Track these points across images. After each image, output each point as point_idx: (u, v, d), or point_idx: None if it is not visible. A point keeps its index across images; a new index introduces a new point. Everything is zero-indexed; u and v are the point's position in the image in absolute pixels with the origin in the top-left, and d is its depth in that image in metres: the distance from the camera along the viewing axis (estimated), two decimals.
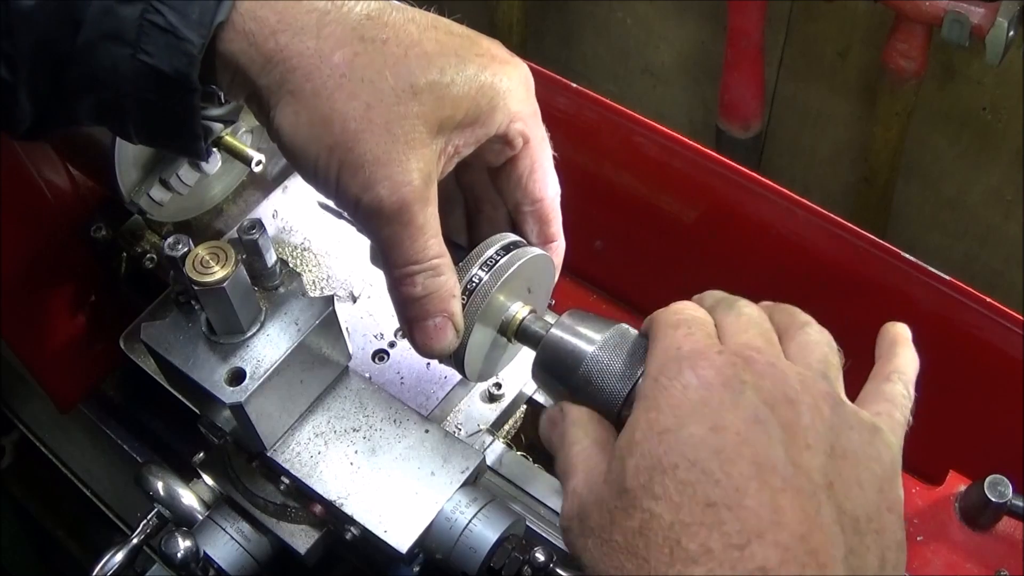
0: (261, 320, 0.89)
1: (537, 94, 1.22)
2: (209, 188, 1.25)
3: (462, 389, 1.16)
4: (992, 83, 1.99)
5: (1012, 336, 0.98)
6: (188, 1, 0.73)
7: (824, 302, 1.15)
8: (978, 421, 1.09)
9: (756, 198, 1.09)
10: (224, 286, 0.83)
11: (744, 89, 2.16)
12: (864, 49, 2.12)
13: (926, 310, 1.04)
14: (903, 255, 1.01)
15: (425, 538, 0.90)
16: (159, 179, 1.21)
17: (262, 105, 0.78)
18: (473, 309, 0.92)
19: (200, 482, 1.03)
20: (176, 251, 0.85)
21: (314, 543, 0.99)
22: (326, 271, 1.28)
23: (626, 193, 1.23)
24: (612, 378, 0.89)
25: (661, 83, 2.60)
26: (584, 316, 0.95)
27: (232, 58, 0.76)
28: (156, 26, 0.74)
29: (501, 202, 0.94)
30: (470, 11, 2.71)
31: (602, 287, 1.37)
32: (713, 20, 2.30)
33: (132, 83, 0.76)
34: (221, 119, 0.87)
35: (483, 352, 0.97)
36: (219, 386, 0.86)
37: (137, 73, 0.75)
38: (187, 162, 1.21)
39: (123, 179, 1.18)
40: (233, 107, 0.86)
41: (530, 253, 0.95)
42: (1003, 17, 1.67)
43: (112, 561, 0.98)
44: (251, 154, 1.19)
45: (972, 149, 2.13)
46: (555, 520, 1.08)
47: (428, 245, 0.80)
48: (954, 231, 2.31)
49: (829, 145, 2.37)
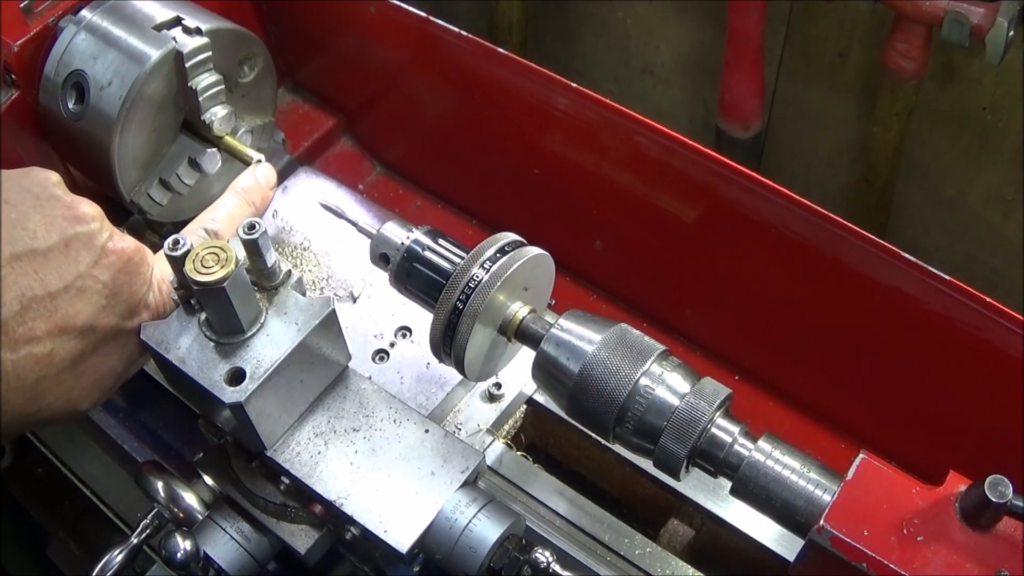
0: (261, 320, 0.89)
1: (537, 94, 1.23)
2: (209, 188, 1.25)
3: (462, 389, 1.16)
4: (992, 83, 1.99)
5: (1012, 336, 0.98)
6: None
7: (824, 302, 1.16)
8: (978, 421, 1.09)
9: (756, 198, 1.09)
10: (224, 286, 0.83)
11: (744, 89, 2.16)
12: (864, 49, 2.12)
13: (926, 310, 1.04)
14: (903, 255, 1.01)
15: (425, 538, 0.90)
16: (159, 179, 1.22)
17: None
18: (472, 308, 0.92)
19: (200, 482, 1.03)
20: (176, 251, 0.85)
21: (314, 543, 0.99)
22: (326, 271, 1.28)
23: (626, 193, 1.23)
24: (612, 378, 0.89)
25: (661, 83, 2.60)
26: (584, 316, 0.95)
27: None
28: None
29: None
30: (470, 11, 2.71)
31: (602, 287, 1.37)
32: (713, 20, 2.30)
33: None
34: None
35: (483, 352, 0.97)
36: (219, 386, 0.86)
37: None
38: (187, 162, 1.22)
39: (123, 179, 1.18)
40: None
41: (529, 253, 0.95)
42: (1003, 17, 1.67)
43: (112, 561, 0.98)
44: (251, 154, 1.19)
45: (972, 149, 2.13)
46: (555, 520, 1.08)
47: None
48: (954, 231, 2.31)
49: (829, 145, 2.37)
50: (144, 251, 0.91)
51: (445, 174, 1.48)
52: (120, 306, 0.88)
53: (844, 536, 0.77)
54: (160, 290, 0.92)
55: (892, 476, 0.81)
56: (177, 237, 0.86)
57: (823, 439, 1.22)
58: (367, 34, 1.38)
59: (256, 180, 1.07)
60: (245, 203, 1.04)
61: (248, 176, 1.07)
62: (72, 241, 0.84)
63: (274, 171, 1.11)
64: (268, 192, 1.09)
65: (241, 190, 1.05)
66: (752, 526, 1.07)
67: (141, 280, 0.89)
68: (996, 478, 0.74)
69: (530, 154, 1.31)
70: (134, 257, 0.88)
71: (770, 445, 0.85)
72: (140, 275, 0.89)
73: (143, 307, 0.90)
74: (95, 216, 0.87)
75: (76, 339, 0.85)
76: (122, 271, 0.87)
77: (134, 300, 0.89)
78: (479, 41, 1.24)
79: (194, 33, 1.16)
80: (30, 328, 0.81)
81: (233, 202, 1.04)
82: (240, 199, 1.04)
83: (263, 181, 1.08)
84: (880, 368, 1.15)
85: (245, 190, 1.05)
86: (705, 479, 0.92)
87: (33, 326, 0.81)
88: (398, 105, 1.46)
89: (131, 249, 0.88)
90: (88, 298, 0.85)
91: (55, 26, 1.19)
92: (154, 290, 0.91)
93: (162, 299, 0.92)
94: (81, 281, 0.84)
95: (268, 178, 1.09)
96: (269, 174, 1.10)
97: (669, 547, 1.08)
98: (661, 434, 0.87)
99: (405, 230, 0.99)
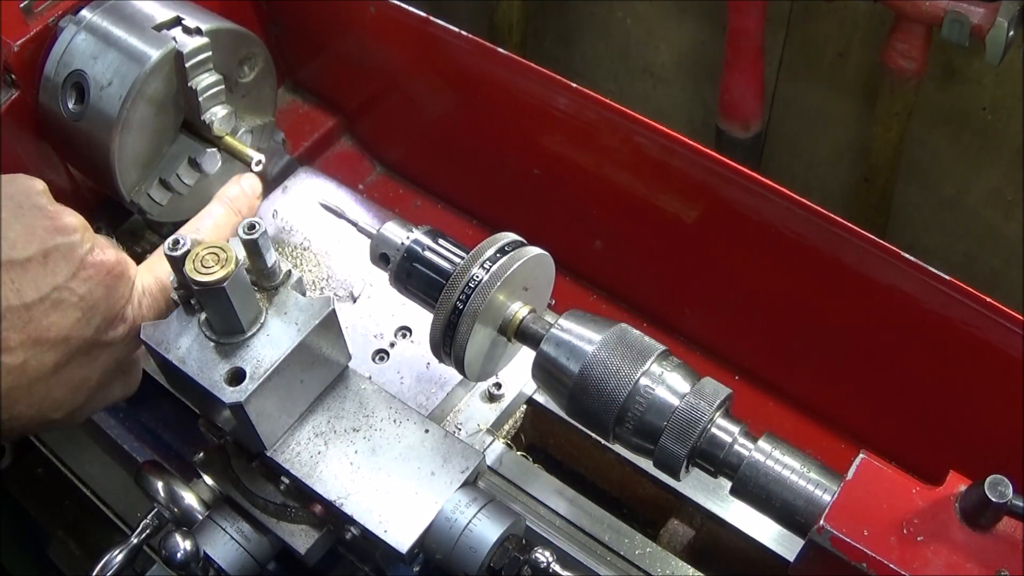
0: (261, 320, 0.89)
1: (537, 94, 1.23)
2: (209, 188, 1.24)
3: (462, 389, 1.16)
4: (992, 83, 1.99)
5: (1012, 336, 0.98)
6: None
7: (824, 302, 1.16)
8: (978, 421, 1.09)
9: (756, 198, 1.09)
10: (224, 286, 0.83)
11: (744, 89, 2.16)
12: (864, 49, 2.12)
13: (926, 310, 1.04)
14: (903, 255, 1.01)
15: (425, 538, 0.90)
16: (159, 179, 1.22)
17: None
18: (472, 308, 0.92)
19: (200, 482, 1.03)
20: (176, 251, 0.85)
21: (314, 543, 0.99)
22: (326, 271, 1.28)
23: (626, 193, 1.23)
24: (612, 378, 0.89)
25: (661, 83, 2.60)
26: (584, 316, 0.95)
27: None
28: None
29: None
30: (470, 11, 2.70)
31: (602, 287, 1.37)
32: (713, 20, 2.30)
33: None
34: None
35: (483, 352, 0.97)
36: (219, 386, 0.86)
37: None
38: (187, 162, 1.22)
39: (123, 179, 1.18)
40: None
41: (529, 253, 0.95)
42: (1003, 17, 1.67)
43: (112, 561, 0.98)
44: (251, 154, 1.19)
45: (972, 149, 2.13)
46: (555, 520, 1.08)
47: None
48: (954, 231, 2.31)
49: (829, 145, 2.37)
50: (126, 264, 0.90)
51: (445, 174, 1.48)
52: (96, 319, 0.87)
53: (844, 536, 0.77)
54: (141, 304, 0.92)
55: (892, 476, 0.81)
56: (177, 237, 0.86)
57: (823, 439, 1.22)
58: (367, 34, 1.38)
59: (242, 189, 1.07)
60: (231, 212, 1.04)
61: (234, 186, 1.07)
62: (51, 252, 0.84)
63: (259, 181, 1.10)
64: (255, 201, 1.08)
65: (228, 199, 1.05)
66: (752, 526, 1.07)
67: (120, 294, 0.89)
68: (996, 478, 0.74)
69: (530, 154, 1.31)
70: (113, 270, 0.88)
71: (770, 445, 0.85)
72: (119, 289, 0.89)
73: (120, 320, 0.90)
74: (77, 227, 0.86)
75: (50, 351, 0.84)
76: (100, 284, 0.87)
77: (111, 313, 0.89)
78: (479, 41, 1.24)
79: (194, 33, 1.16)
80: (4, 338, 0.81)
81: (219, 211, 1.03)
82: (226, 208, 1.04)
83: (248, 191, 1.08)
84: (880, 368, 1.15)
85: (232, 199, 1.05)
86: (705, 479, 0.92)
87: (7, 336, 0.81)
88: (398, 105, 1.46)
89: (111, 263, 0.88)
90: (64, 311, 0.84)
91: (55, 26, 1.19)
92: (133, 304, 0.91)
93: (142, 313, 0.92)
94: (57, 293, 0.84)
95: (254, 187, 1.08)
96: (255, 183, 1.09)
97: (669, 547, 1.08)
98: (661, 434, 0.87)
99: (405, 230, 0.99)
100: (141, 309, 0.92)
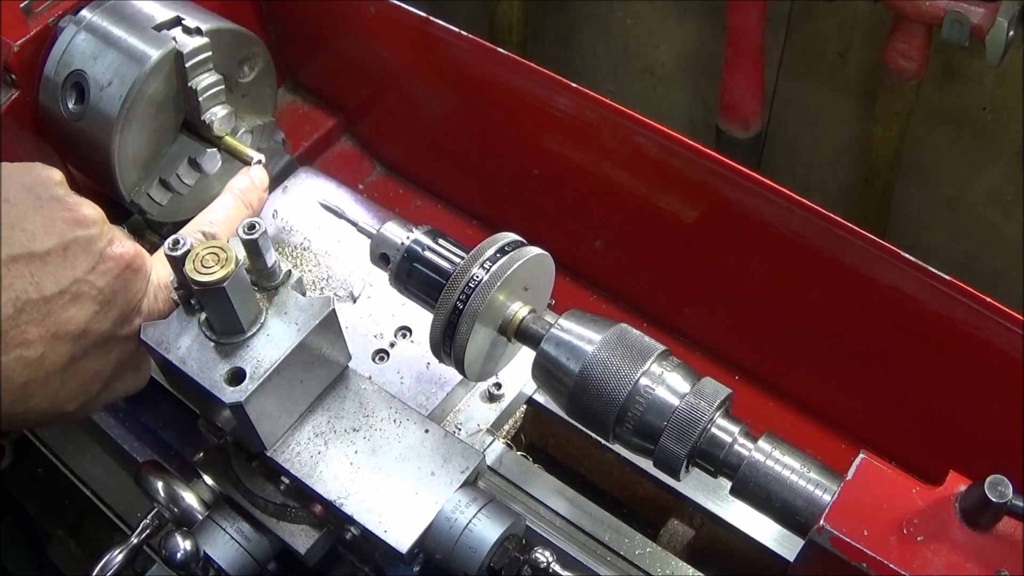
0: (261, 320, 0.89)
1: (537, 94, 1.22)
2: (209, 188, 1.25)
3: (462, 389, 1.16)
4: (992, 83, 1.99)
5: (1012, 336, 0.98)
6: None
7: (824, 302, 1.16)
8: (978, 421, 1.09)
9: (756, 198, 1.09)
10: (224, 286, 0.83)
11: (744, 89, 2.16)
12: (864, 49, 2.12)
13: (926, 310, 1.04)
14: (903, 255, 1.01)
15: (425, 538, 0.90)
16: (159, 179, 1.22)
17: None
18: (472, 308, 0.92)
19: (200, 482, 1.03)
20: (176, 251, 0.85)
21: (314, 543, 0.99)
22: (326, 271, 1.28)
23: (626, 193, 1.23)
24: (612, 378, 0.89)
25: (661, 83, 2.60)
26: (584, 316, 0.95)
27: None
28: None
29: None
30: (470, 11, 2.71)
31: (602, 287, 1.37)
32: (713, 20, 2.30)
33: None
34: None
35: (483, 352, 0.97)
36: (219, 386, 0.86)
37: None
38: (187, 162, 1.22)
39: (123, 179, 1.18)
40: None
41: (529, 253, 0.95)
42: (1003, 17, 1.67)
43: (112, 561, 0.98)
44: (251, 154, 1.19)
45: (972, 149, 2.13)
46: (555, 520, 1.08)
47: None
48: (954, 231, 2.31)
49: (829, 145, 2.37)
50: (143, 257, 0.90)
51: (445, 174, 1.48)
52: (114, 312, 0.87)
53: (844, 536, 0.77)
54: (156, 297, 0.92)
55: (892, 476, 0.81)
56: (177, 237, 0.86)
57: (823, 439, 1.22)
58: (367, 34, 1.38)
59: (252, 181, 1.07)
60: (242, 204, 1.04)
61: (243, 178, 1.07)
62: (71, 245, 0.84)
63: (266, 173, 1.11)
64: (263, 194, 1.08)
65: (238, 191, 1.05)
66: (752, 526, 1.07)
67: (137, 287, 0.89)
68: (996, 478, 0.74)
69: (530, 154, 1.31)
70: (132, 263, 0.88)
71: (770, 445, 0.85)
72: (136, 282, 0.89)
73: (136, 314, 0.90)
74: (96, 220, 0.86)
75: (67, 344, 0.84)
76: (119, 277, 0.87)
77: (128, 307, 0.89)
78: (479, 41, 1.24)
79: (194, 33, 1.16)
80: (22, 332, 0.81)
81: (230, 203, 1.03)
82: (237, 200, 1.04)
83: (258, 182, 1.08)
84: (880, 368, 1.15)
85: (242, 191, 1.05)
86: (705, 479, 0.92)
87: (25, 330, 0.81)
88: (398, 105, 1.46)
89: (129, 255, 0.88)
90: (82, 304, 0.84)
91: (55, 26, 1.19)
92: (149, 297, 0.91)
93: (157, 306, 0.92)
94: (76, 286, 0.84)
95: (262, 179, 1.09)
96: (262, 175, 1.10)
97: (669, 547, 1.08)
98: (661, 434, 0.87)
99: (405, 230, 0.99)
100: (157, 303, 0.92)
